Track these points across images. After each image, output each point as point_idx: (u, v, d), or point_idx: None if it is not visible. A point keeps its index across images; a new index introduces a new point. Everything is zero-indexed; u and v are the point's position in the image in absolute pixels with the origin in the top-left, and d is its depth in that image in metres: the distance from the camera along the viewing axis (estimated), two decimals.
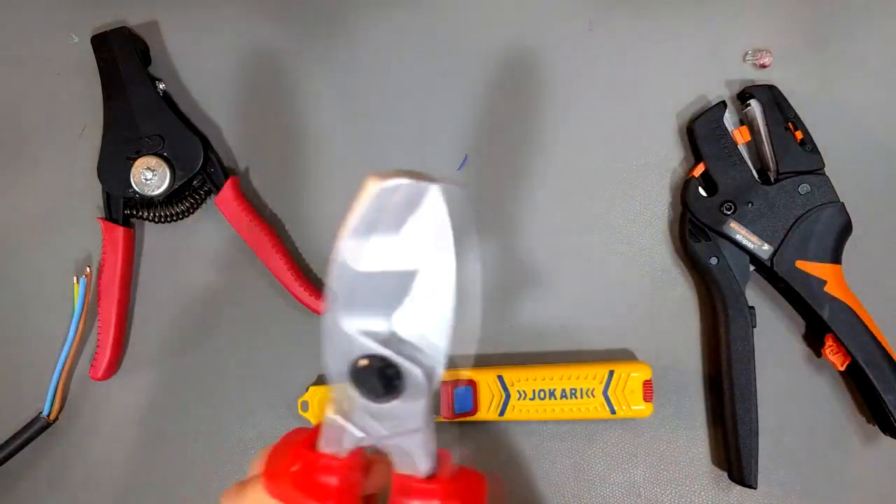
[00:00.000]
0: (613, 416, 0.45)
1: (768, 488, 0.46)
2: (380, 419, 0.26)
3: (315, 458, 0.27)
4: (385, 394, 0.26)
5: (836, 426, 0.47)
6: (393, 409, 0.26)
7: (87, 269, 0.49)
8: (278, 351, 0.49)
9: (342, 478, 0.27)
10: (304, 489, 0.27)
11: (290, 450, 0.28)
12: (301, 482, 0.27)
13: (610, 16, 0.49)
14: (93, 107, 0.49)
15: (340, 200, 0.49)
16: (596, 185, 0.48)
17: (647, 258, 0.48)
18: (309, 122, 0.50)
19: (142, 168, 0.47)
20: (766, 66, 0.48)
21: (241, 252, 0.49)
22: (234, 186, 0.48)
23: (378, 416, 0.26)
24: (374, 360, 0.26)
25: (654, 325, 0.48)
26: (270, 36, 0.51)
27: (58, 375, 0.48)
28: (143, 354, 0.50)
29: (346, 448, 0.27)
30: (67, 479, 0.49)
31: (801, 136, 0.45)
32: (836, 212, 0.45)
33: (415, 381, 0.25)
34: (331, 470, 0.27)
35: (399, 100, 0.50)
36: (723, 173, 0.46)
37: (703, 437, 0.47)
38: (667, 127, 0.48)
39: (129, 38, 0.48)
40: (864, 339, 0.43)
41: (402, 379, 0.25)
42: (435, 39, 0.50)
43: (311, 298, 0.47)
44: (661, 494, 0.47)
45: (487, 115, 0.49)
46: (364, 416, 0.27)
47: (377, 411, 0.26)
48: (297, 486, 0.27)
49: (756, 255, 0.45)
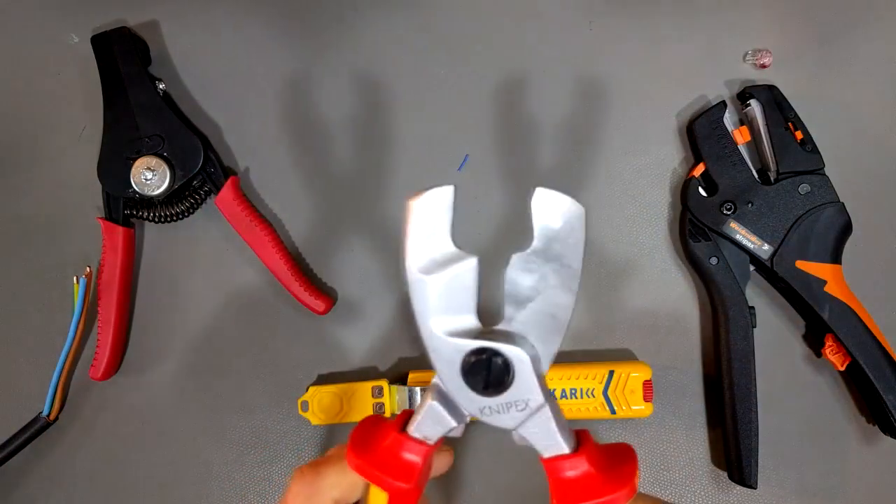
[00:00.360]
0: (613, 416, 0.45)
1: (768, 488, 0.46)
2: (504, 411, 0.27)
3: (404, 439, 0.28)
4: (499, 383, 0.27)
5: (836, 426, 0.47)
6: (512, 396, 0.27)
7: (88, 268, 0.49)
8: (278, 351, 0.49)
9: (426, 461, 0.28)
10: (387, 467, 0.28)
11: (378, 430, 0.29)
12: (386, 460, 0.28)
13: (610, 16, 0.49)
14: (93, 107, 0.49)
15: (340, 200, 0.49)
16: (596, 185, 0.48)
17: (647, 258, 0.48)
18: (309, 122, 0.50)
19: (142, 168, 0.47)
20: (766, 67, 0.48)
21: (241, 252, 0.49)
22: (234, 186, 0.48)
23: (501, 409, 0.27)
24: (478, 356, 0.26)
25: (654, 325, 0.48)
26: (270, 36, 0.51)
27: (58, 375, 0.48)
28: (143, 354, 0.50)
29: (436, 436, 0.28)
30: (67, 479, 0.49)
31: (801, 136, 0.45)
32: (835, 212, 0.45)
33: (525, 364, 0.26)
34: (417, 452, 0.28)
35: (399, 100, 0.50)
36: (723, 173, 0.46)
37: (702, 437, 0.47)
38: (667, 127, 0.48)
39: (129, 39, 0.48)
40: (864, 339, 0.43)
41: (510, 364, 0.26)
42: (435, 39, 0.50)
43: (311, 298, 0.47)
44: (661, 494, 0.47)
45: (487, 115, 0.49)
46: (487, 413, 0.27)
47: (498, 405, 0.27)
48: (380, 463, 0.28)
49: (756, 255, 0.45)
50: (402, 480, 0.28)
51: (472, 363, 0.27)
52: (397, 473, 0.28)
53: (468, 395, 0.27)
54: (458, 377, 0.27)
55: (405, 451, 0.28)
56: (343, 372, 0.49)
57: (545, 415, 0.27)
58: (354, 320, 0.49)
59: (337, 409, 0.47)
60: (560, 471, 0.27)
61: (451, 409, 0.28)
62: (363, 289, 0.49)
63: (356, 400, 0.47)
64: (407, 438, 0.28)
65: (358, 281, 0.49)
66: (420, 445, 0.28)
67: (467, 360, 0.27)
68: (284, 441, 0.49)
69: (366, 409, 0.47)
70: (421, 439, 0.28)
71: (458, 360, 0.27)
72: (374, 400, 0.46)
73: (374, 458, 0.28)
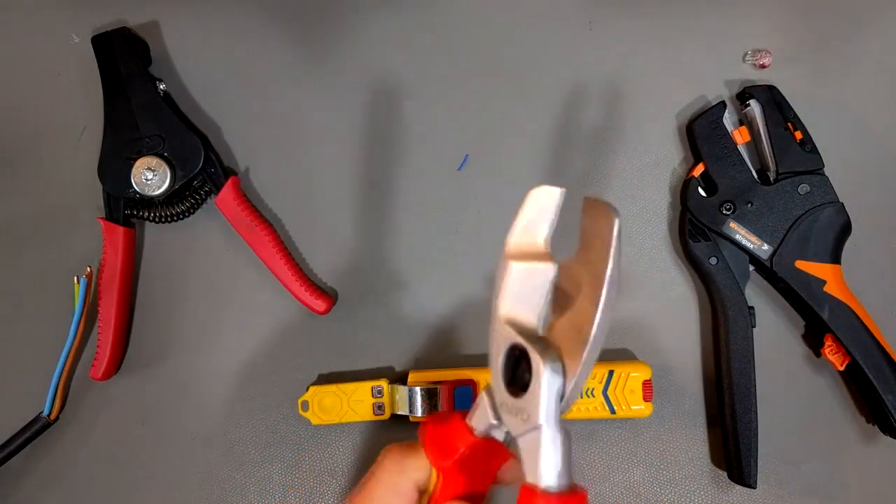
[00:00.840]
0: (613, 416, 0.45)
1: (768, 488, 0.46)
2: (514, 414, 0.27)
3: (457, 424, 0.30)
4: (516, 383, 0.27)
5: (836, 426, 0.47)
6: (521, 402, 0.27)
7: (88, 268, 0.49)
8: (278, 351, 0.49)
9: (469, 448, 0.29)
10: (435, 444, 0.29)
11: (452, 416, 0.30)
12: (437, 438, 0.30)
13: (610, 16, 0.49)
14: (93, 107, 0.49)
15: (341, 200, 0.50)
16: (596, 185, 0.49)
17: (647, 258, 0.48)
18: (309, 122, 0.50)
19: (142, 168, 0.47)
20: (766, 67, 0.48)
21: (241, 252, 0.49)
22: (235, 186, 0.48)
23: (514, 411, 0.27)
24: (514, 350, 0.27)
25: (654, 325, 0.48)
26: (271, 36, 0.51)
27: (58, 375, 0.48)
28: (143, 354, 0.50)
29: (483, 427, 0.29)
30: (68, 478, 0.49)
31: (800, 137, 0.45)
32: (835, 212, 0.45)
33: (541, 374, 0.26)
34: (463, 438, 0.29)
35: (399, 100, 0.50)
36: (722, 173, 0.46)
37: (702, 437, 0.47)
38: (667, 127, 0.48)
39: (130, 39, 0.48)
40: (864, 339, 0.44)
41: (531, 372, 0.26)
42: (435, 39, 0.50)
43: (311, 298, 0.47)
44: (660, 494, 0.47)
45: (487, 115, 0.49)
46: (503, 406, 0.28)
47: (514, 406, 0.27)
48: (432, 438, 0.30)
49: (756, 256, 0.45)
50: (441, 457, 0.29)
51: (508, 355, 0.27)
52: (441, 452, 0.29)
53: (500, 384, 0.28)
54: (500, 364, 0.28)
55: (455, 434, 0.29)
56: (343, 372, 0.49)
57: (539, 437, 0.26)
58: (354, 320, 0.49)
59: (337, 409, 0.47)
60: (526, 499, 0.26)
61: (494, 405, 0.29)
62: (363, 289, 0.49)
63: (356, 400, 0.47)
64: (460, 423, 0.30)
65: (358, 281, 0.49)
66: (467, 432, 0.29)
67: (509, 351, 0.27)
68: (284, 441, 0.49)
69: (366, 409, 0.47)
70: (471, 427, 0.29)
71: (503, 349, 0.27)
72: (374, 400, 0.46)
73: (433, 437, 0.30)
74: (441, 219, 0.49)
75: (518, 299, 0.27)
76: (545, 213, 0.27)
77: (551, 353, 0.26)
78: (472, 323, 0.48)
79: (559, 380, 0.26)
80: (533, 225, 0.27)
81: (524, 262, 0.27)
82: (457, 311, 0.49)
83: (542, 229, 0.27)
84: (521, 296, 0.27)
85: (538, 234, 0.27)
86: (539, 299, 0.27)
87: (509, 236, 0.28)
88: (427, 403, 0.45)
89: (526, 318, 0.27)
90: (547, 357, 0.26)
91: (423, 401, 0.45)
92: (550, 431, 0.26)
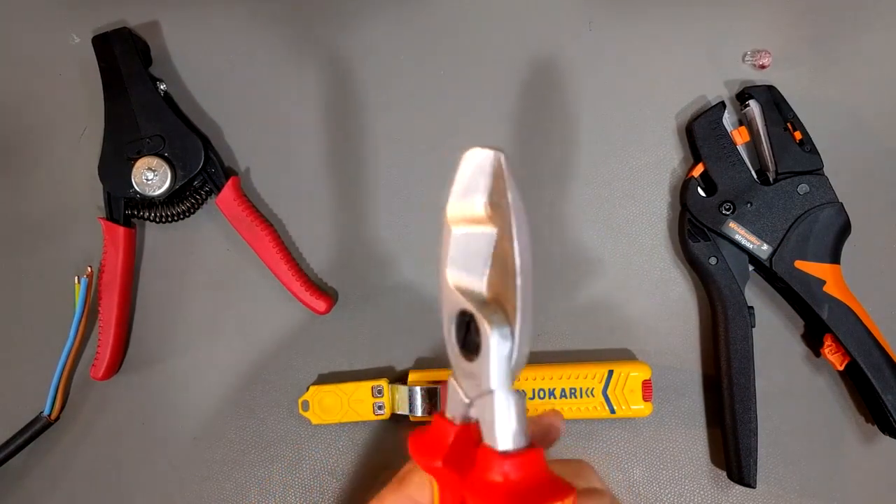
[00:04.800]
0: (613, 416, 0.45)
1: (767, 487, 0.46)
2: (469, 379, 0.27)
3: (438, 420, 0.29)
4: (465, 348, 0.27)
5: (835, 426, 0.47)
6: (475, 367, 0.26)
7: (89, 268, 0.49)
8: (278, 351, 0.49)
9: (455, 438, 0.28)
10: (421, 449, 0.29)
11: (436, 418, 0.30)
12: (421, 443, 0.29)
13: (610, 16, 0.49)
14: (94, 107, 0.49)
15: (341, 200, 0.50)
16: (595, 185, 0.49)
17: (646, 258, 0.48)
18: (309, 123, 0.50)
19: (143, 168, 0.47)
20: (766, 67, 0.48)
21: (241, 252, 0.49)
22: (235, 186, 0.48)
23: (468, 375, 0.27)
24: (463, 316, 0.27)
25: (654, 325, 0.48)
26: (271, 36, 0.51)
27: (59, 375, 0.48)
28: (143, 354, 0.50)
29: (460, 412, 0.28)
30: (68, 478, 0.49)
31: (799, 137, 0.45)
32: (834, 212, 0.45)
33: (489, 339, 0.25)
34: (445, 432, 0.28)
35: (399, 100, 0.50)
36: (722, 174, 0.46)
37: (702, 437, 0.47)
38: (666, 127, 0.48)
39: (130, 39, 0.48)
40: (863, 339, 0.44)
41: (479, 335, 0.26)
42: (435, 40, 0.50)
43: (312, 298, 0.47)
44: (660, 494, 0.47)
45: (487, 115, 0.49)
46: (461, 376, 0.27)
47: (468, 370, 0.27)
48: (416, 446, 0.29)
49: (755, 255, 0.45)
50: (430, 458, 0.28)
51: (458, 322, 0.27)
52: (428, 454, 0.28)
53: (454, 349, 0.27)
54: (452, 330, 0.27)
55: (436, 431, 0.29)
56: (343, 372, 0.49)
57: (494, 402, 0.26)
58: (354, 320, 0.49)
59: (337, 409, 0.47)
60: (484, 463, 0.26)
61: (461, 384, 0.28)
62: (363, 289, 0.49)
63: (356, 400, 0.47)
64: (439, 420, 0.29)
65: (358, 281, 0.49)
66: (447, 424, 0.28)
67: (458, 318, 0.27)
68: (284, 441, 0.49)
69: (366, 409, 0.47)
70: (450, 419, 0.29)
71: (454, 314, 0.27)
72: (374, 400, 0.47)
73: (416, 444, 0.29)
74: (441, 218, 0.49)
75: (462, 264, 0.27)
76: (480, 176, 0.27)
77: (498, 317, 0.26)
78: None
79: (507, 343, 0.26)
80: (469, 189, 0.27)
81: (464, 227, 0.27)
82: None
83: (478, 193, 0.27)
84: (464, 260, 0.27)
85: (475, 198, 0.27)
86: (481, 263, 0.27)
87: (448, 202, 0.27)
88: (427, 403, 0.45)
89: (471, 282, 0.27)
90: (494, 321, 0.25)
91: (424, 401, 0.45)
92: (503, 393, 0.26)
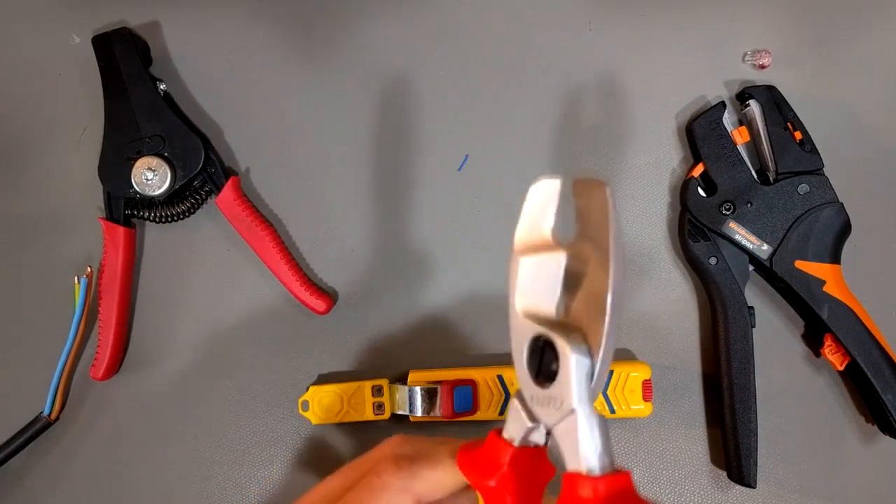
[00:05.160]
0: (613, 416, 0.45)
1: (767, 488, 0.46)
2: (546, 404, 0.27)
3: (494, 439, 0.28)
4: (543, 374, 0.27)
5: (835, 426, 0.47)
6: (552, 391, 0.26)
7: (88, 268, 0.49)
8: (278, 351, 0.49)
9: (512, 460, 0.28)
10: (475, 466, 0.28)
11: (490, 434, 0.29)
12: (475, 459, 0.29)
13: (610, 16, 0.49)
14: (94, 107, 0.49)
15: (341, 200, 0.50)
16: None
17: (647, 258, 0.48)
18: (309, 122, 0.50)
19: (143, 168, 0.47)
20: (766, 67, 0.48)
21: (241, 252, 0.49)
22: (235, 186, 0.48)
23: (544, 400, 0.27)
24: (537, 341, 0.27)
25: (654, 325, 0.48)
26: (271, 36, 0.51)
27: (58, 375, 0.48)
28: (143, 354, 0.50)
29: (520, 434, 0.28)
30: (68, 478, 0.49)
31: (800, 137, 0.45)
32: (835, 212, 0.45)
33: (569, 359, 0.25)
34: (502, 453, 0.28)
35: (399, 100, 0.50)
36: (722, 173, 0.46)
37: (702, 437, 0.47)
38: (666, 127, 0.49)
39: (130, 39, 0.48)
40: (863, 339, 0.44)
41: (558, 360, 0.26)
42: (435, 40, 0.50)
43: (312, 298, 0.47)
44: (660, 494, 0.47)
45: (487, 115, 0.49)
46: (534, 399, 0.27)
47: (542, 397, 0.27)
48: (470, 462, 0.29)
49: (755, 255, 0.45)
50: (484, 477, 0.28)
51: (532, 348, 0.27)
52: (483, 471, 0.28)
53: (527, 378, 0.27)
54: (524, 358, 0.27)
55: (493, 450, 0.28)
56: (343, 372, 0.49)
57: (575, 421, 0.26)
58: (354, 320, 0.49)
59: (337, 409, 0.47)
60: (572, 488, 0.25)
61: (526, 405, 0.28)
62: (363, 289, 0.49)
63: (356, 400, 0.47)
64: (496, 439, 0.28)
65: (358, 281, 0.49)
66: (506, 445, 0.28)
67: (532, 344, 0.27)
68: (284, 441, 0.49)
69: (366, 409, 0.47)
70: (508, 440, 0.28)
71: (525, 342, 0.27)
72: (375, 399, 0.47)
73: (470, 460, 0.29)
74: (441, 219, 0.49)
75: (532, 292, 0.27)
76: (547, 204, 0.27)
77: (575, 336, 0.26)
78: (473, 322, 0.49)
79: (586, 361, 0.25)
80: (537, 218, 0.28)
81: (533, 255, 0.27)
82: (457, 310, 0.49)
83: (546, 221, 0.27)
84: (534, 288, 0.27)
85: (543, 226, 0.27)
86: (553, 287, 0.27)
87: (516, 233, 0.28)
88: (427, 403, 0.45)
89: (543, 307, 0.27)
90: (571, 340, 0.25)
91: (423, 401, 0.45)
92: (586, 412, 0.26)
